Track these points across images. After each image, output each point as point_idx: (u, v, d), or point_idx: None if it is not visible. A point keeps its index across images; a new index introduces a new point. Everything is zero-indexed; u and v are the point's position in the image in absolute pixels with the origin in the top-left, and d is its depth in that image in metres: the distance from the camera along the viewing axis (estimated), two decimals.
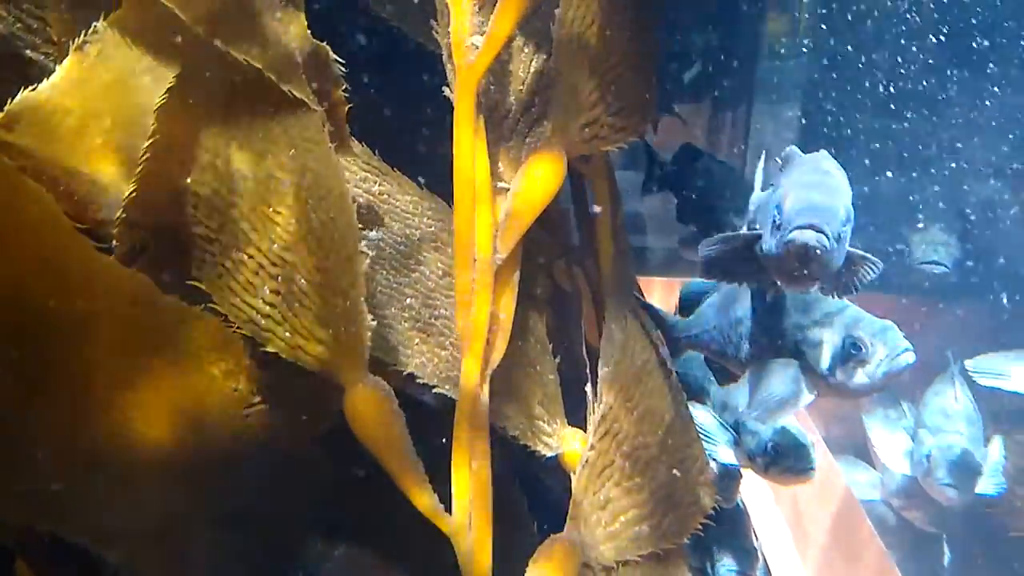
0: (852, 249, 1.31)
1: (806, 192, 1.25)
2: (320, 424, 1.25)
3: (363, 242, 1.13)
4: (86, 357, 1.03)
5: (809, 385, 1.43)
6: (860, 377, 1.37)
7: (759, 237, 1.33)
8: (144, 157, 1.03)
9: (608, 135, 1.24)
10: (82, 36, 1.03)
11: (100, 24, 1.02)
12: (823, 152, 1.38)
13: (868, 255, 1.34)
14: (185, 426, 1.11)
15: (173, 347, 1.09)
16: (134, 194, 1.04)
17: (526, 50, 1.23)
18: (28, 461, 1.04)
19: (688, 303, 1.71)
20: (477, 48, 1.12)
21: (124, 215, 1.04)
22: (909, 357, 1.34)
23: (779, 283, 1.36)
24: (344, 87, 1.17)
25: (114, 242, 1.06)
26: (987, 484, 2.19)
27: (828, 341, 1.40)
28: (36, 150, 1.00)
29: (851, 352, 1.36)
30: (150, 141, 1.03)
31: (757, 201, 1.49)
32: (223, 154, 1.08)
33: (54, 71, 1.04)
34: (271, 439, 1.21)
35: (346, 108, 1.18)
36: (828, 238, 1.19)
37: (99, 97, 1.03)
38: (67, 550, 1.10)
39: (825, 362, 1.40)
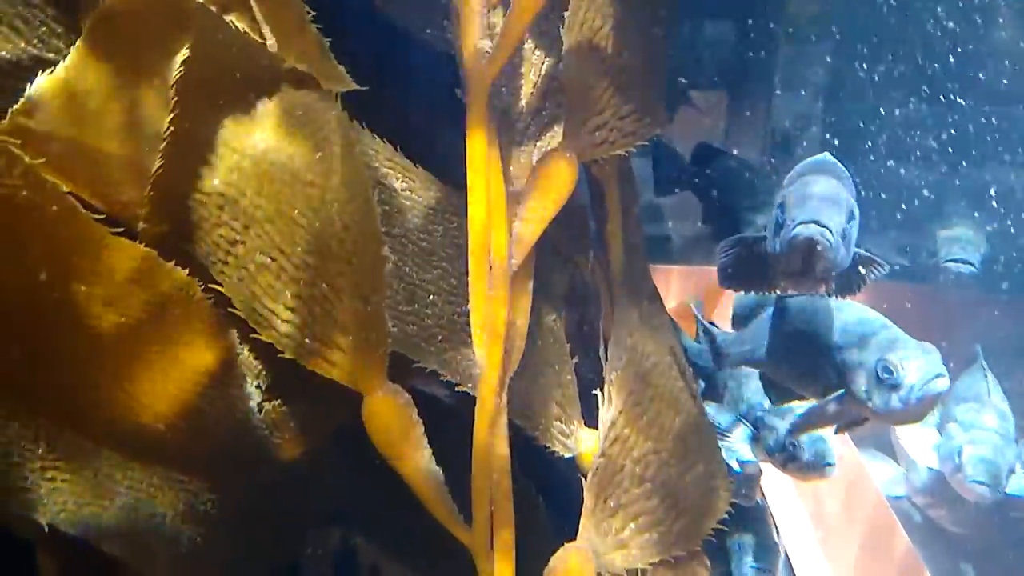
0: (859, 250, 1.39)
1: (808, 190, 1.34)
2: (331, 421, 1.31)
3: (386, 244, 1.18)
4: (92, 344, 1.09)
5: (851, 410, 1.46)
6: (894, 402, 1.37)
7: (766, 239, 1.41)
8: (164, 145, 1.07)
9: (617, 139, 1.32)
10: (93, 15, 1.05)
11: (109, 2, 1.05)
12: (826, 154, 1.45)
13: (876, 256, 1.42)
14: (185, 417, 1.16)
15: (168, 332, 1.13)
16: (153, 188, 1.08)
17: (537, 53, 1.29)
18: (31, 450, 1.10)
19: (741, 317, 1.79)
20: (488, 51, 1.18)
21: (147, 207, 1.09)
22: (942, 383, 1.35)
23: (786, 286, 1.44)
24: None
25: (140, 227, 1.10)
26: (1020, 484, 2.24)
27: (864, 364, 1.42)
28: (59, 134, 1.04)
29: (883, 376, 1.37)
30: (168, 132, 1.07)
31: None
32: (251, 155, 1.13)
33: None
34: (277, 434, 1.27)
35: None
36: (832, 232, 1.27)
37: (118, 74, 1.06)
38: (88, 543, 1.14)
39: (861, 386, 1.41)
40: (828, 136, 3.05)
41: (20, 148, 0.99)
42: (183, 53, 1.08)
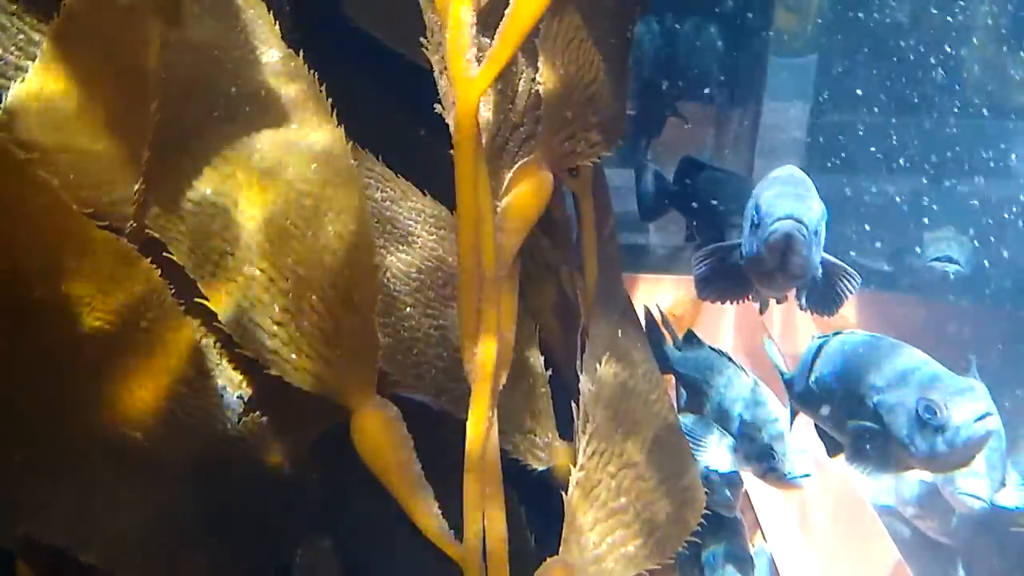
0: (829, 257, 1.48)
1: (781, 191, 1.45)
2: (313, 429, 1.37)
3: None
4: (71, 346, 1.11)
5: (892, 455, 1.45)
6: (939, 446, 1.35)
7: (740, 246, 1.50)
8: (152, 153, 1.13)
9: (585, 149, 1.38)
10: (58, 18, 1.08)
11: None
12: (791, 166, 1.55)
13: (846, 266, 1.49)
14: (163, 424, 1.19)
15: (142, 337, 1.16)
16: (141, 196, 1.14)
17: (514, 67, 1.34)
18: (9, 457, 1.13)
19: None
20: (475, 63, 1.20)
21: (135, 214, 1.14)
22: (991, 423, 1.34)
23: (759, 289, 1.53)
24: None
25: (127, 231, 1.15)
26: (1008, 496, 2.28)
27: (903, 404, 1.41)
28: (41, 141, 1.08)
29: (925, 416, 1.36)
30: (157, 141, 1.13)
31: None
32: (245, 164, 1.18)
33: None
34: (258, 443, 1.32)
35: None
36: (807, 228, 1.38)
37: (91, 72, 1.10)
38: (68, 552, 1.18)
39: (902, 428, 1.40)
40: (813, 146, 3.15)
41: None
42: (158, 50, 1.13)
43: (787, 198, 1.43)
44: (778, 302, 1.77)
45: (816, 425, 1.75)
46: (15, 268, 1.07)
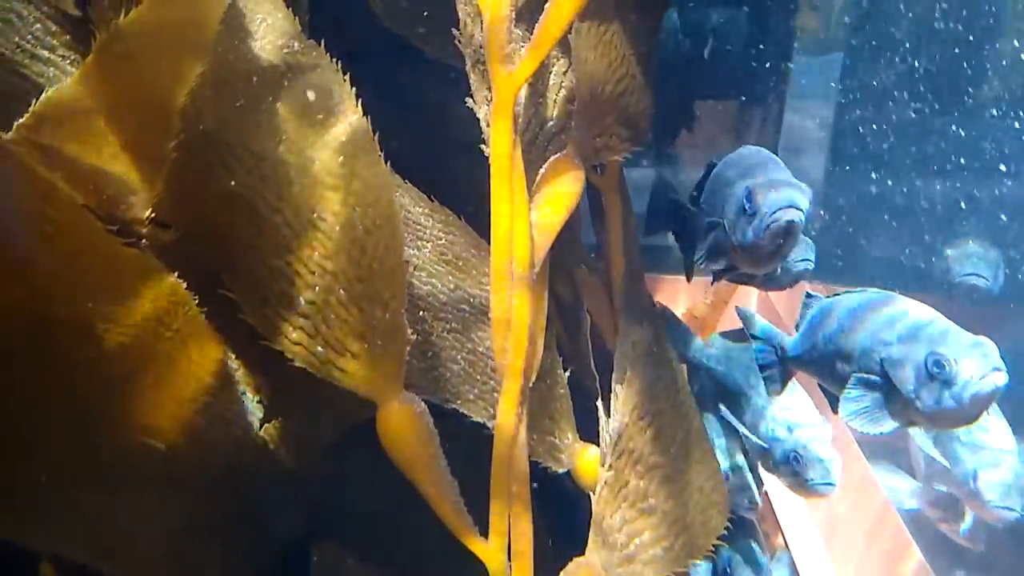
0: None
1: (771, 177, 1.47)
2: (331, 432, 1.39)
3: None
4: (94, 363, 1.12)
5: (895, 411, 1.44)
6: (947, 401, 1.34)
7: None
8: (175, 149, 1.11)
9: (616, 144, 1.40)
10: (104, 35, 1.08)
11: (121, 21, 1.08)
12: (753, 146, 1.58)
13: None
14: (186, 435, 1.21)
15: (166, 350, 1.17)
16: (162, 192, 1.12)
17: (545, 61, 1.33)
18: (28, 473, 1.12)
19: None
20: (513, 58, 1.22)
21: (153, 214, 1.12)
22: (999, 378, 1.32)
23: (745, 269, 1.56)
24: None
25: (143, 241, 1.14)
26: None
27: (912, 358, 1.40)
28: (63, 150, 1.07)
29: (933, 371, 1.35)
30: (180, 135, 1.11)
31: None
32: (271, 157, 1.18)
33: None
34: (276, 450, 1.33)
35: None
36: (802, 213, 1.40)
37: (122, 96, 1.10)
38: None
39: (908, 383, 1.39)
40: (836, 146, 3.14)
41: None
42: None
43: (782, 185, 1.44)
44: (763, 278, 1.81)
45: (819, 384, 1.72)
46: (36, 287, 1.07)
